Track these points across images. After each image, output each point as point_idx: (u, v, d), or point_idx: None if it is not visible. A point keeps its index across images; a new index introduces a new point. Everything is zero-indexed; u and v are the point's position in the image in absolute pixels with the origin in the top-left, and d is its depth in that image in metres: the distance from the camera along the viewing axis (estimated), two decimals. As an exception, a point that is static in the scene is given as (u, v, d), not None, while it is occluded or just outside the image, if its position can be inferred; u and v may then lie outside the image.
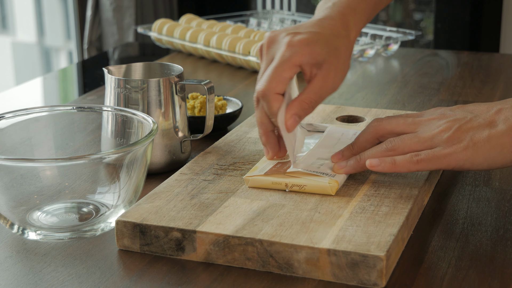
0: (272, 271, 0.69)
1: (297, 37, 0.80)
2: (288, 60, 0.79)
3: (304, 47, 0.79)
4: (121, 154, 0.74)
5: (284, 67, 0.78)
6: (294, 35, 0.80)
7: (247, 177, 0.81)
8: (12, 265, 0.71)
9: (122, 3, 2.62)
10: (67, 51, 3.54)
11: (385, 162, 0.77)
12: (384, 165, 0.77)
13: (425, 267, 0.70)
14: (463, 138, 0.75)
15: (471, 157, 0.75)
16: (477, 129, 0.75)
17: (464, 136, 0.75)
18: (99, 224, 0.77)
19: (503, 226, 0.77)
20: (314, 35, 0.81)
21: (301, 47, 0.79)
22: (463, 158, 0.75)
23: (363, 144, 0.81)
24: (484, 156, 0.75)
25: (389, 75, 1.41)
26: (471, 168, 0.76)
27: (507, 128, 0.75)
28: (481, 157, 0.75)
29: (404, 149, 0.77)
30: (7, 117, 0.82)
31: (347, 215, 0.73)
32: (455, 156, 0.75)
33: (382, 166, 0.77)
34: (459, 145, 0.75)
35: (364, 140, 0.81)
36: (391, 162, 0.77)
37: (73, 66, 2.09)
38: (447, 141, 0.76)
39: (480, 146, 0.75)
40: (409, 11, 2.91)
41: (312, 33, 0.81)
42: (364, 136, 0.81)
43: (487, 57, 1.55)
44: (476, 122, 0.76)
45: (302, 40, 0.80)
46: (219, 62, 1.50)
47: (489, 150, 0.74)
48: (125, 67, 0.95)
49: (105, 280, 0.68)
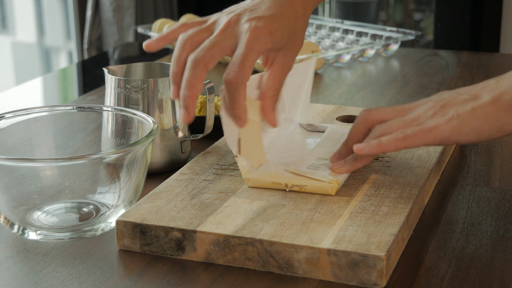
0: (272, 271, 0.69)
1: (260, 24, 0.81)
2: (255, 49, 0.80)
3: (268, 35, 0.80)
4: (121, 154, 0.74)
5: (253, 55, 0.79)
6: (257, 21, 0.81)
7: (247, 177, 0.81)
8: (12, 265, 0.71)
9: (122, 3, 2.62)
10: (67, 51, 3.54)
11: (371, 144, 0.77)
12: (371, 146, 0.77)
13: (425, 267, 0.70)
14: (447, 112, 0.76)
15: (456, 127, 0.75)
16: (462, 103, 0.76)
17: (449, 110, 0.76)
18: (99, 224, 0.77)
19: (503, 226, 0.77)
20: (275, 20, 0.82)
21: (265, 35, 0.80)
22: (448, 129, 0.75)
23: (356, 137, 0.81)
24: (469, 126, 0.75)
25: (389, 75, 1.41)
26: (459, 140, 0.76)
27: (491, 98, 0.75)
28: (466, 127, 0.75)
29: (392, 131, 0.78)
30: (7, 117, 0.82)
31: (347, 215, 0.73)
32: (440, 128, 0.75)
33: (369, 148, 0.77)
34: (444, 117, 0.76)
35: (356, 132, 0.81)
36: (377, 142, 0.77)
37: (73, 66, 2.09)
38: (432, 116, 0.77)
39: (465, 117, 0.75)
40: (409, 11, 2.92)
41: (274, 18, 0.82)
42: (355, 129, 0.81)
43: (487, 57, 1.55)
44: (461, 97, 0.77)
45: (265, 28, 0.81)
46: (219, 62, 1.50)
47: (474, 119, 0.75)
48: (125, 67, 0.95)
49: (105, 280, 0.68)
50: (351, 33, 1.59)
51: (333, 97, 1.25)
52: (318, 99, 1.24)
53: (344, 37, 1.59)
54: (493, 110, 0.75)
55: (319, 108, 1.07)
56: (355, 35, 1.58)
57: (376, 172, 0.83)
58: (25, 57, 3.73)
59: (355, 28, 1.59)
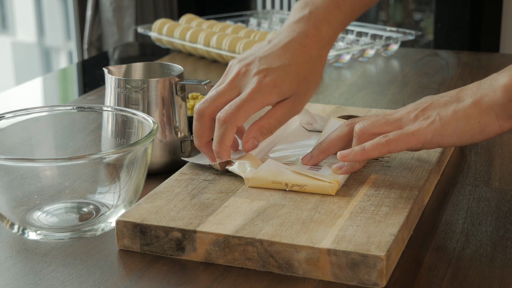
0: (272, 271, 0.69)
1: (267, 79, 0.83)
2: (256, 100, 0.82)
3: (272, 89, 0.83)
4: (121, 154, 0.74)
5: (252, 105, 0.82)
6: (264, 75, 0.83)
7: (247, 177, 0.81)
8: (12, 265, 0.71)
9: (122, 3, 2.62)
10: (67, 51, 3.54)
11: (354, 151, 0.78)
12: (355, 153, 0.78)
13: (425, 267, 0.70)
14: (429, 115, 0.77)
15: (438, 129, 0.76)
16: (444, 106, 0.77)
17: (431, 112, 0.77)
18: (99, 224, 0.77)
19: (503, 226, 0.77)
20: (284, 71, 0.84)
21: (269, 89, 0.83)
22: (431, 131, 0.76)
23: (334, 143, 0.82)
24: (451, 128, 0.76)
25: (389, 75, 1.41)
26: (441, 143, 0.77)
27: (472, 101, 0.76)
28: (448, 129, 0.76)
29: (374, 130, 0.79)
30: (7, 117, 0.82)
31: (347, 215, 0.73)
32: (423, 131, 0.76)
33: (352, 155, 0.78)
34: (426, 120, 0.77)
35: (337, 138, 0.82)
36: (360, 149, 0.78)
37: (73, 66, 2.09)
38: (415, 119, 0.78)
39: (447, 119, 0.76)
40: (409, 11, 2.91)
41: (282, 68, 0.84)
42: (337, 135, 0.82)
43: (487, 57, 1.55)
44: (443, 100, 0.78)
45: (271, 82, 0.83)
46: (219, 62, 1.50)
47: (456, 121, 0.76)
48: (125, 67, 0.95)
49: (105, 280, 0.68)
50: (351, 33, 1.59)
51: (333, 97, 1.25)
52: (318, 99, 1.24)
53: (344, 37, 1.59)
54: (475, 112, 0.76)
55: (319, 108, 1.07)
56: (355, 35, 1.58)
57: (376, 172, 0.83)
58: (25, 57, 3.73)
59: (355, 28, 1.59)
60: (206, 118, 0.84)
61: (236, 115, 0.82)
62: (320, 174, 0.80)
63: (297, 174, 0.80)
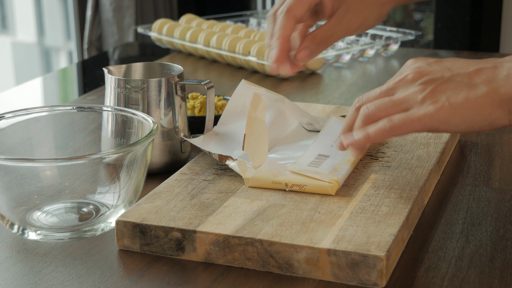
0: (272, 271, 0.69)
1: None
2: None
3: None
4: (121, 154, 0.74)
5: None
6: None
7: (247, 177, 0.81)
8: (12, 265, 0.71)
9: (122, 3, 2.62)
10: (67, 51, 3.54)
11: (358, 137, 0.74)
12: (359, 139, 0.74)
13: (425, 267, 0.70)
14: (438, 99, 0.71)
15: (447, 117, 0.71)
16: (455, 90, 0.72)
17: (440, 96, 0.72)
18: (99, 224, 0.77)
19: (503, 226, 0.77)
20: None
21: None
22: (438, 118, 0.71)
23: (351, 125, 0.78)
24: (461, 117, 0.71)
25: (389, 75, 1.41)
26: (448, 130, 0.72)
27: (487, 90, 0.71)
28: (457, 118, 0.71)
29: (380, 114, 0.74)
30: (7, 117, 0.82)
31: (347, 215, 0.73)
32: (430, 117, 0.71)
33: (356, 141, 0.74)
34: (435, 105, 0.71)
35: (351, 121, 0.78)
36: (364, 135, 0.74)
37: (73, 66, 2.09)
38: (422, 101, 0.72)
39: (457, 107, 0.71)
40: (409, 11, 2.91)
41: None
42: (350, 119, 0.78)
43: (487, 56, 1.54)
44: (454, 82, 0.73)
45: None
46: (219, 62, 1.50)
47: (467, 111, 0.71)
48: (125, 67, 0.95)
49: (105, 280, 0.68)
50: (351, 33, 1.59)
51: (333, 97, 1.25)
52: (318, 99, 1.24)
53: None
54: (487, 103, 0.71)
55: (319, 108, 1.07)
56: (355, 35, 1.58)
57: (376, 172, 0.83)
58: (25, 57, 3.73)
59: (355, 28, 1.59)
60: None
61: (293, 3, 0.83)
62: (320, 172, 0.80)
63: (297, 174, 0.80)
